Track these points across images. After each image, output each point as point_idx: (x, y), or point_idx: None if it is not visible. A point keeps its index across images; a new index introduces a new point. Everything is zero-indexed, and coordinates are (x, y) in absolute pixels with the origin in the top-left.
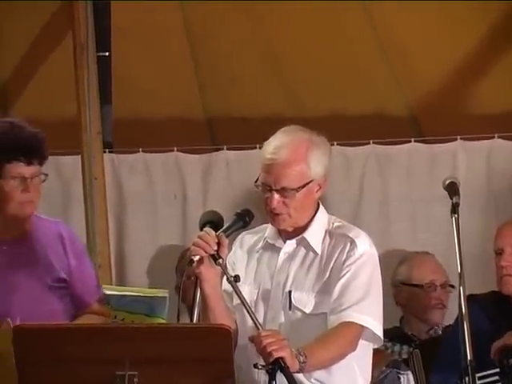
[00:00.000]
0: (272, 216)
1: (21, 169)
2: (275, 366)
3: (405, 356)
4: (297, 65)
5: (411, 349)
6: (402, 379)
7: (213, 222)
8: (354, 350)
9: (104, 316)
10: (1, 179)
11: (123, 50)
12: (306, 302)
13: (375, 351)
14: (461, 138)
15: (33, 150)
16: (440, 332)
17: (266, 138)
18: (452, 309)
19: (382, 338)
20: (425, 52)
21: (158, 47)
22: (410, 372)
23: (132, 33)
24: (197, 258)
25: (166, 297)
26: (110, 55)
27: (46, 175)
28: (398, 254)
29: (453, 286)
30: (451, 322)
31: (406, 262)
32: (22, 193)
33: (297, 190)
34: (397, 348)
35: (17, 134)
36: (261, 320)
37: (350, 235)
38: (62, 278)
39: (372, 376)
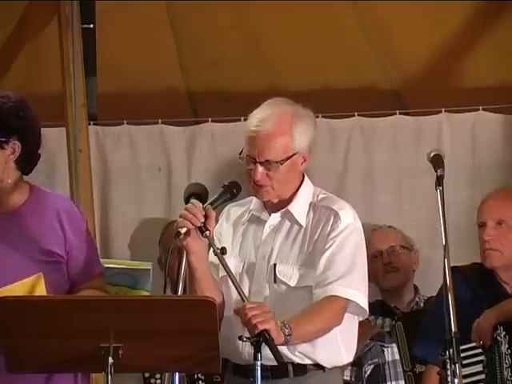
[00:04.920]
0: (255, 188)
1: None
2: (260, 338)
3: (387, 329)
4: (280, 48)
5: (393, 322)
6: (385, 352)
7: (197, 194)
8: (340, 323)
9: (105, 292)
10: None
11: (107, 25)
12: (290, 275)
13: (360, 324)
14: (445, 111)
15: None
16: (422, 304)
17: (250, 112)
18: (434, 280)
19: (368, 310)
20: (410, 28)
21: (141, 31)
22: (394, 345)
23: (116, 11)
24: (184, 230)
25: (149, 269)
26: (94, 28)
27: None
28: None
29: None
30: (433, 293)
31: None
32: None
33: (280, 162)
34: (379, 321)
35: None
36: (246, 293)
37: (334, 208)
38: (55, 252)
39: (356, 349)
